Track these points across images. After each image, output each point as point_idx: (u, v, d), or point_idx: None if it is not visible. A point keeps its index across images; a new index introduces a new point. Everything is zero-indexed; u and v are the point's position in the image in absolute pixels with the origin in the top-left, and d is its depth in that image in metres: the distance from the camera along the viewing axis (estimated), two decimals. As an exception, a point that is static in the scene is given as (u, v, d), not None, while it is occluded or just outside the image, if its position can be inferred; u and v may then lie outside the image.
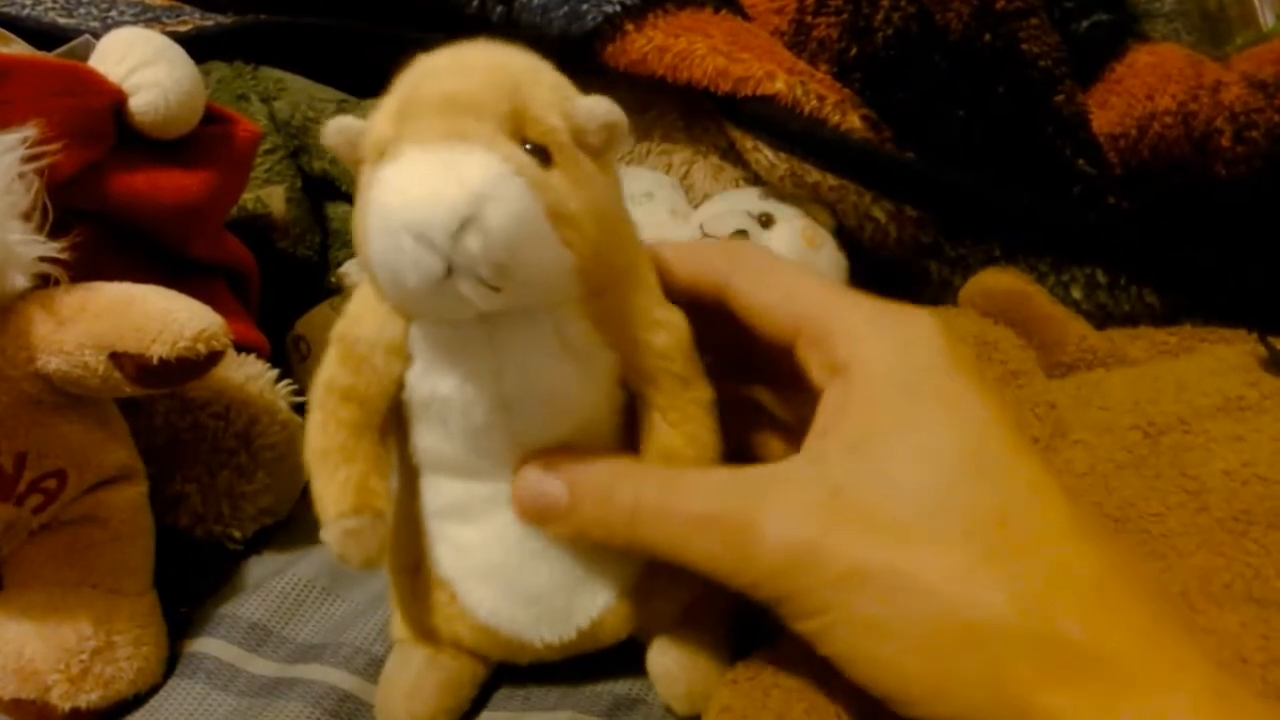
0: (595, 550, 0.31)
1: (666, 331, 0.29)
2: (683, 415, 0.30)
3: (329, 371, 0.30)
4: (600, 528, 0.28)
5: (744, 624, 0.33)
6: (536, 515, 0.30)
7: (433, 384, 0.29)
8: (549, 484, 0.29)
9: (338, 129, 0.28)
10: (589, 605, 0.32)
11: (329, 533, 0.29)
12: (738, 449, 0.32)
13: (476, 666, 0.33)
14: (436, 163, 0.24)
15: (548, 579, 0.31)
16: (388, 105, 0.27)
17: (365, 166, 0.27)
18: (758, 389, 0.34)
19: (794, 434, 0.30)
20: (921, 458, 0.25)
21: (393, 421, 0.31)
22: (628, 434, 0.31)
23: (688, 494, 0.27)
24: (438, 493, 0.32)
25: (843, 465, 0.25)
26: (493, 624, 0.32)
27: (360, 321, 0.30)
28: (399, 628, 0.34)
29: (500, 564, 0.31)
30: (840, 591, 0.24)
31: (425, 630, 0.33)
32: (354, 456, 0.30)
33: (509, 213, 0.24)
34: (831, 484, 0.25)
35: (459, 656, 0.33)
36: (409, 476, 0.32)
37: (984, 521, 0.24)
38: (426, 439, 0.30)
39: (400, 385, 0.29)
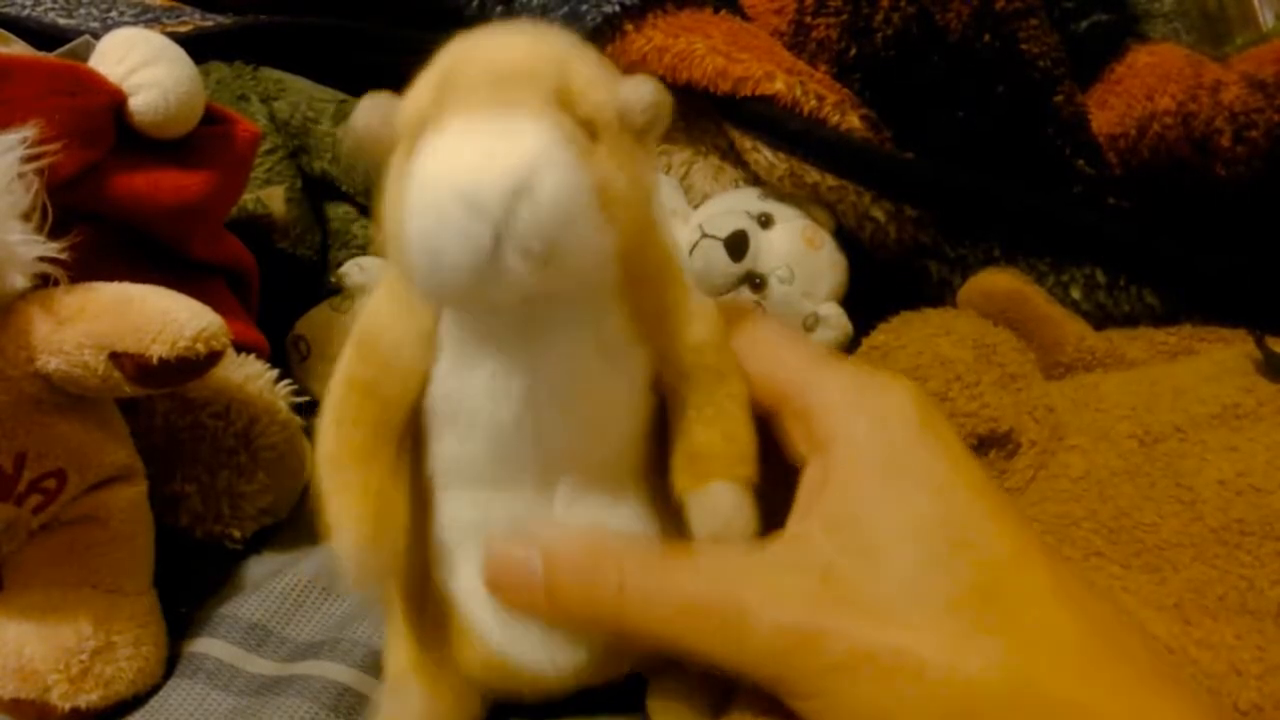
0: None
1: (700, 323, 0.28)
2: (718, 411, 0.28)
3: (348, 369, 0.29)
4: (583, 606, 0.27)
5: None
6: (509, 588, 0.28)
7: (462, 377, 0.27)
8: (521, 550, 0.28)
9: (371, 104, 0.26)
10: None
11: (342, 539, 0.28)
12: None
13: (475, 706, 0.32)
14: (488, 130, 0.23)
15: None
16: (426, 80, 0.26)
17: (402, 143, 0.25)
18: None
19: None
20: (903, 534, 0.25)
21: (409, 435, 0.29)
22: (657, 444, 0.30)
23: (676, 576, 0.27)
24: (455, 506, 0.30)
25: (828, 546, 0.26)
26: (504, 651, 0.30)
27: (382, 316, 0.28)
28: (397, 660, 0.32)
29: None
30: (836, 676, 0.24)
31: (429, 661, 0.32)
32: (373, 459, 0.28)
33: (562, 182, 0.23)
34: (820, 566, 0.25)
35: (459, 694, 0.32)
36: (420, 498, 0.30)
37: (967, 593, 0.24)
38: (448, 444, 0.29)
39: (424, 384, 0.28)
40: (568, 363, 0.27)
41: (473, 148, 0.23)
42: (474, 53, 0.26)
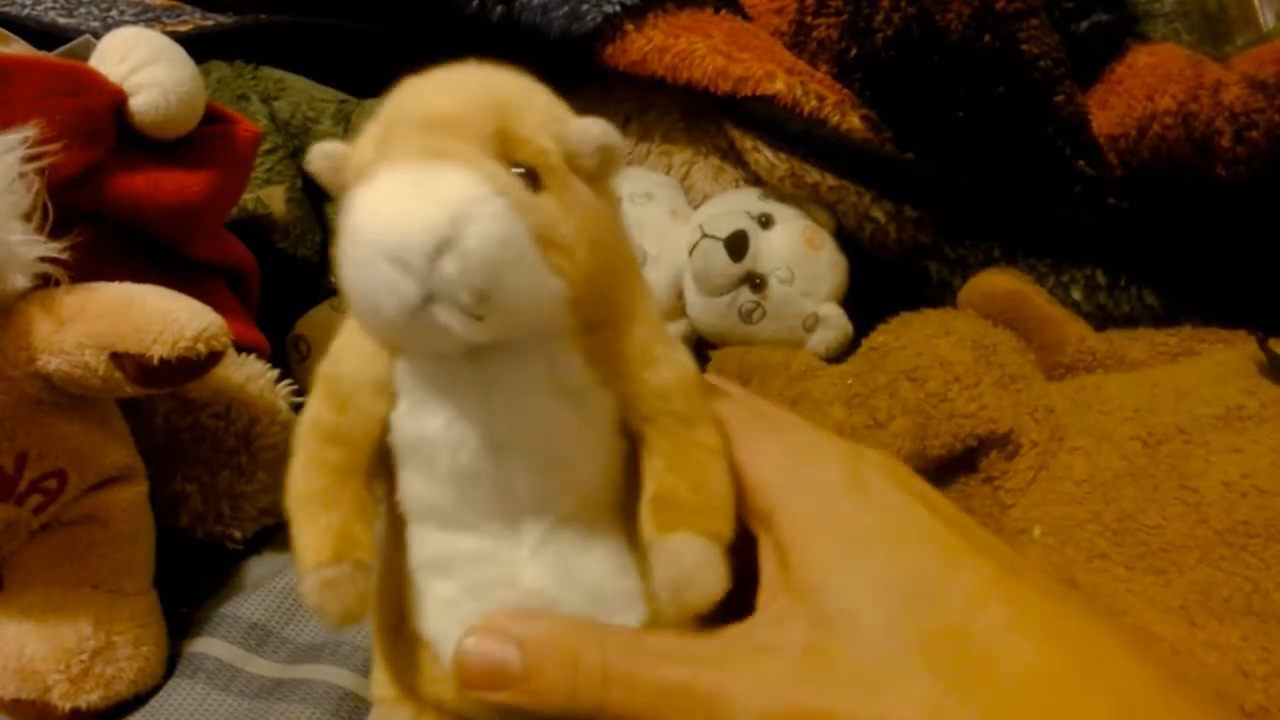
0: (585, 614, 0.29)
1: (668, 368, 0.28)
2: (686, 459, 0.27)
3: (312, 410, 0.28)
4: (564, 693, 0.26)
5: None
6: (484, 680, 0.27)
7: (419, 424, 0.27)
8: (497, 646, 0.27)
9: (322, 154, 0.26)
10: None
11: (306, 583, 0.27)
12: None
13: None
14: (410, 181, 0.23)
15: None
16: (370, 130, 0.26)
17: (350, 191, 0.25)
18: None
19: None
20: (865, 597, 0.25)
21: (381, 466, 0.29)
22: (632, 485, 0.29)
23: (657, 660, 0.26)
24: (423, 544, 0.29)
25: (800, 622, 0.25)
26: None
27: (343, 359, 0.28)
28: (381, 686, 0.32)
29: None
30: None
31: (407, 690, 0.31)
32: (336, 502, 0.28)
33: (488, 234, 0.23)
34: (797, 645, 0.25)
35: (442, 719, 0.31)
36: (396, 526, 0.30)
37: (939, 646, 0.24)
38: (413, 485, 0.28)
39: (386, 427, 0.28)
40: (523, 408, 0.27)
41: (396, 200, 0.23)
42: (413, 99, 0.26)
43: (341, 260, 0.24)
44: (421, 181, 0.23)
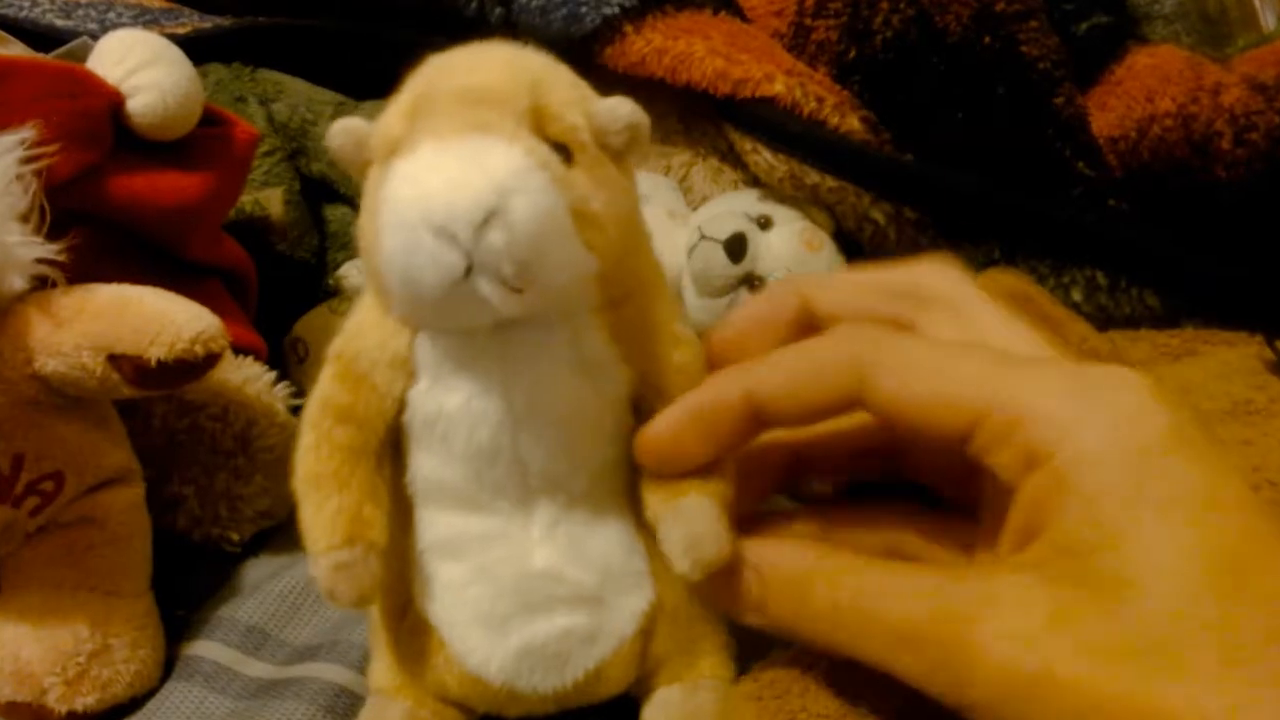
0: (597, 594, 0.29)
1: (687, 347, 0.28)
2: None
3: (324, 390, 0.28)
4: (792, 624, 0.26)
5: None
6: (728, 601, 0.28)
7: (438, 400, 0.27)
8: (743, 572, 0.27)
9: (343, 129, 0.26)
10: (586, 654, 0.29)
11: (317, 566, 0.27)
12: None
13: None
14: (457, 154, 0.23)
15: (543, 624, 0.29)
16: (399, 104, 0.26)
17: (374, 167, 0.26)
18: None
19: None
20: (1161, 566, 0.21)
21: (389, 449, 0.29)
22: (634, 470, 0.29)
23: (893, 599, 0.24)
24: (431, 526, 0.29)
25: (1063, 577, 0.22)
26: (482, 674, 0.29)
27: (360, 336, 0.28)
28: (379, 676, 0.32)
29: (492, 607, 0.29)
30: None
31: (408, 679, 0.31)
32: (348, 483, 0.28)
33: (534, 206, 0.23)
34: (1054, 602, 0.22)
35: (440, 712, 0.31)
36: (402, 510, 0.30)
37: (1247, 647, 0.20)
38: (425, 464, 0.29)
39: (401, 406, 0.28)
40: (545, 384, 0.27)
41: (444, 172, 0.23)
42: (446, 74, 0.26)
43: (376, 232, 0.24)
44: (468, 154, 0.23)
